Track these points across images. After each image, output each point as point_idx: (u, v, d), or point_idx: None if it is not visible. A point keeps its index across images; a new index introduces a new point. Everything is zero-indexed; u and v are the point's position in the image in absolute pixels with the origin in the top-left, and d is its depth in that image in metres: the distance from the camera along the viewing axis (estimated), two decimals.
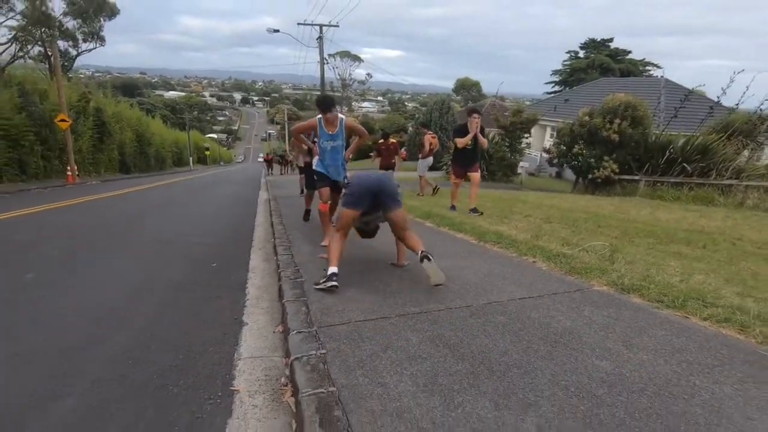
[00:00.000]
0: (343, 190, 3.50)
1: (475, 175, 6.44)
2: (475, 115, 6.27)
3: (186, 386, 2.01)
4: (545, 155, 14.98)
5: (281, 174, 26.85)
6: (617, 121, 11.44)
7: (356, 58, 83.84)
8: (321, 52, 18.99)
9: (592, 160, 11.61)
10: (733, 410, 1.63)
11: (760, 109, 13.43)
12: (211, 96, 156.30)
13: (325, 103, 4.08)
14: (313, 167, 4.39)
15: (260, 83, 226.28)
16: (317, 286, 2.93)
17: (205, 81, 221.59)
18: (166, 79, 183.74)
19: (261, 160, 71.74)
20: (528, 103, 51.96)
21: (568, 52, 57.12)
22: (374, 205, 3.20)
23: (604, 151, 11.47)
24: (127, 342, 2.48)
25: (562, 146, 13.13)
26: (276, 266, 3.93)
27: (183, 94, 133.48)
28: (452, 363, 1.96)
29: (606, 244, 4.03)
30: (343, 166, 4.36)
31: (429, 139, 9.48)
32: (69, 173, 16.25)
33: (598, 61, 53.46)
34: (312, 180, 4.80)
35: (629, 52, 55.58)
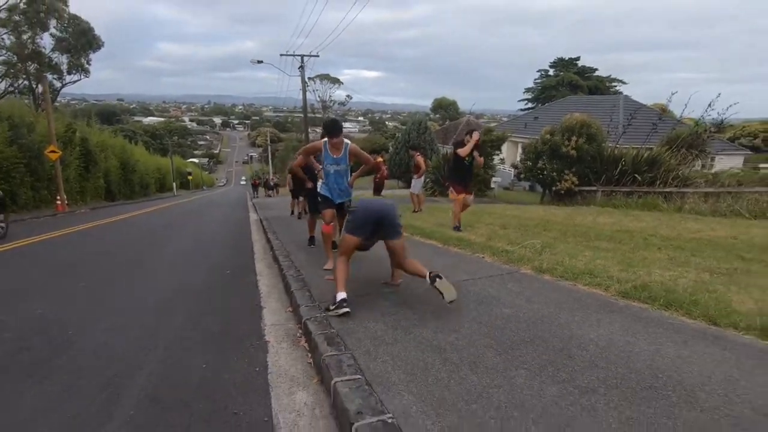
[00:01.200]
0: (347, 216, 3.52)
1: (469, 197, 6.70)
2: (475, 133, 6.53)
3: (234, 339, 2.98)
4: (514, 170, 16.35)
5: (267, 196, 27.61)
6: (574, 138, 12.88)
7: (336, 81, 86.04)
8: (303, 81, 20.24)
9: (555, 173, 12.98)
10: (574, 326, 2.70)
11: (703, 119, 15.09)
12: (191, 121, 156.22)
13: (333, 128, 4.16)
14: (318, 190, 4.54)
15: (240, 106, 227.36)
16: (330, 312, 3.00)
17: (184, 106, 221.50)
18: (144, 104, 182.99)
19: (243, 182, 72.16)
20: (505, 118, 54.42)
21: (539, 70, 60.00)
22: (375, 233, 3.29)
23: (564, 166, 12.86)
24: (184, 320, 3.42)
25: (528, 162, 14.50)
26: (279, 270, 4.87)
27: (162, 119, 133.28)
28: (411, 316, 2.95)
29: (540, 242, 5.13)
30: (347, 190, 4.47)
31: (421, 159, 10.38)
32: (59, 202, 16.77)
33: (567, 79, 56.38)
34: (316, 203, 4.86)
35: (596, 69, 58.84)
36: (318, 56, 20.19)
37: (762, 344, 2.38)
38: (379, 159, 10.07)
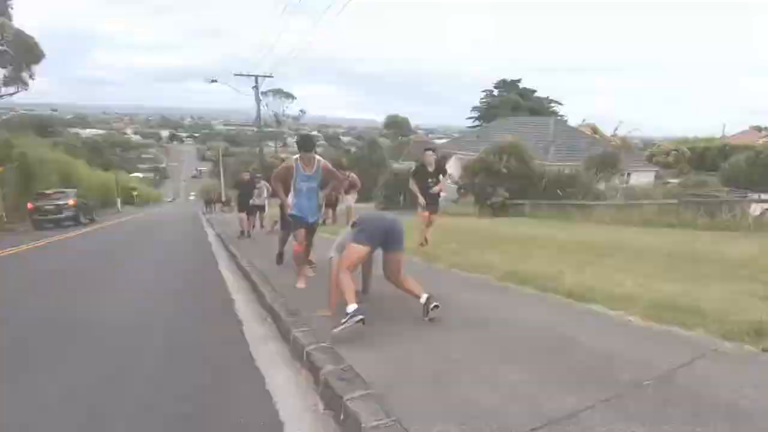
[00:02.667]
0: (354, 227, 3.37)
1: (435, 216, 6.56)
2: (429, 152, 6.30)
3: (216, 318, 3.92)
4: (455, 185, 17.94)
5: (222, 212, 27.25)
6: (505, 157, 14.65)
7: (289, 96, 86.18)
8: (257, 101, 20.88)
9: (489, 189, 14.64)
10: (469, 302, 3.82)
11: (615, 133, 17.41)
12: (135, 133, 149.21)
13: (308, 143, 4.26)
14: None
15: (189, 119, 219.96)
16: (340, 328, 2.81)
17: (128, 118, 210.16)
18: (81, 116, 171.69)
19: (192, 197, 69.93)
20: (456, 134, 57.09)
21: (484, 90, 63.54)
22: (382, 243, 3.35)
23: (497, 182, 14.56)
24: (172, 312, 4.25)
25: (467, 179, 16.15)
26: (243, 273, 5.70)
27: (103, 132, 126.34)
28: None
29: (456, 245, 6.34)
30: (318, 208, 4.46)
31: (356, 177, 11.09)
32: None
33: (510, 100, 60.44)
34: (287, 221, 4.79)
35: (535, 91, 63.43)
36: (272, 77, 20.96)
37: (552, 297, 3.71)
38: (352, 174, 9.88)
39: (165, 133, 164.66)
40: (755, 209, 8.85)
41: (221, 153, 76.94)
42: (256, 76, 20.42)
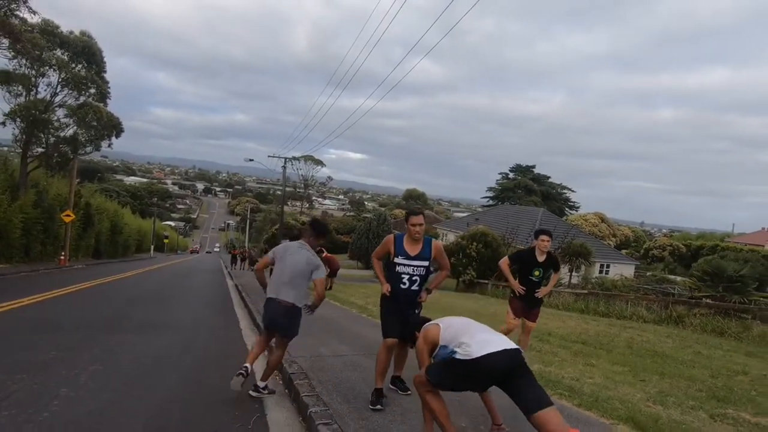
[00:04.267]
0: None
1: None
2: (545, 236, 4.75)
3: (225, 323, 6.48)
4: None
5: (250, 269, 27.87)
6: (474, 243, 17.42)
7: (319, 162, 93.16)
8: (284, 181, 24.69)
9: (461, 268, 17.21)
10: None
11: (572, 239, 19.87)
12: (174, 184, 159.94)
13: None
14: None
15: (224, 174, 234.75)
16: None
17: (168, 168, 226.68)
18: (127, 164, 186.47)
19: (217, 249, 73.87)
20: (479, 209, 59.99)
21: (500, 173, 67.54)
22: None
23: (468, 263, 17.16)
24: (207, 315, 6.85)
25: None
26: (248, 309, 8.40)
27: (145, 180, 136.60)
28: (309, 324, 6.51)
29: None
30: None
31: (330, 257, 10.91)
32: (63, 257, 19.55)
33: (523, 183, 63.82)
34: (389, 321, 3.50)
35: (548, 177, 66.90)
36: (299, 160, 24.97)
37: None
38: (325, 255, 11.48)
39: (201, 186, 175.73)
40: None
41: (249, 209, 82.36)
42: (285, 158, 24.33)
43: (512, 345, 2.41)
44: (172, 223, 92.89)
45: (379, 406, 3.24)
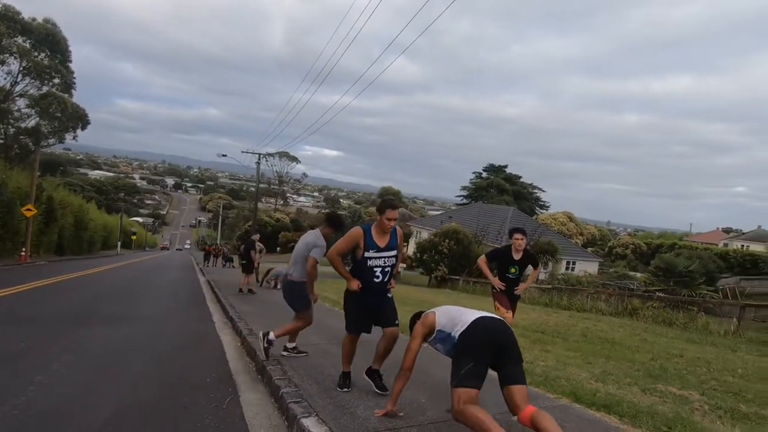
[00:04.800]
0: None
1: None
2: (519, 236, 4.88)
3: (197, 316, 6.55)
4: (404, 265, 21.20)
5: (224, 267, 25.69)
6: (447, 240, 17.92)
7: (294, 159, 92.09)
8: (258, 177, 24.47)
9: (433, 264, 17.69)
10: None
11: (539, 237, 20.66)
12: (142, 179, 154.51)
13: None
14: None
15: (196, 170, 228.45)
16: None
17: (137, 163, 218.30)
18: (92, 157, 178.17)
19: (188, 246, 71.94)
20: (454, 207, 61.16)
21: (474, 172, 68.76)
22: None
23: (440, 259, 17.65)
24: (178, 308, 6.88)
25: (417, 254, 19.30)
26: (217, 299, 8.46)
27: (111, 174, 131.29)
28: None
29: None
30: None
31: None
32: (23, 254, 18.78)
33: (496, 183, 65.27)
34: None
35: (520, 177, 68.61)
36: (274, 156, 24.77)
37: None
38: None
39: (171, 181, 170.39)
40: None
41: (221, 205, 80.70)
42: (260, 154, 24.06)
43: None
44: (140, 219, 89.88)
45: (346, 389, 3.43)
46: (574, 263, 26.03)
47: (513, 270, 4.93)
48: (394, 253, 3.48)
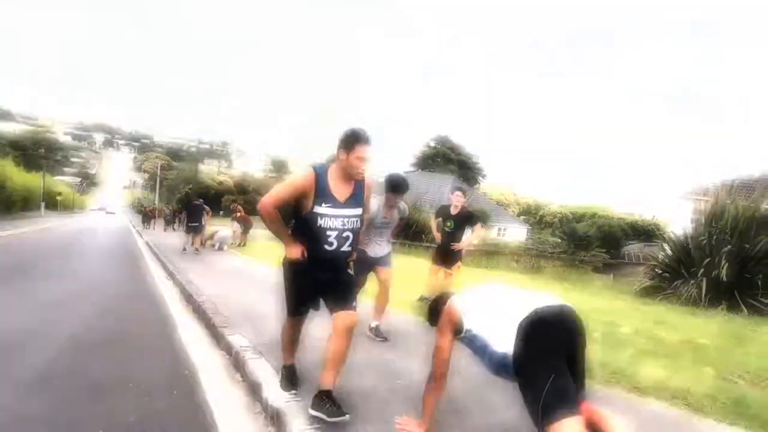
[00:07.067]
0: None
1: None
2: (458, 193, 5.50)
3: (147, 291, 7.01)
4: None
5: (165, 231, 22.39)
6: None
7: None
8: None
9: None
10: None
11: (468, 204, 22.33)
12: (66, 134, 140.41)
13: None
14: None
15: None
16: None
17: (59, 116, 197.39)
18: (3, 109, 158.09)
19: (113, 212, 65.10)
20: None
21: (423, 143, 70.14)
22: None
23: None
24: (120, 274, 7.25)
25: None
26: (158, 258, 8.87)
27: (29, 127, 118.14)
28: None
29: None
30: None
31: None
32: None
33: (442, 152, 67.26)
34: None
35: (464, 147, 71.11)
36: None
37: None
38: (241, 215, 13.74)
39: (100, 138, 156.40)
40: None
41: (159, 165, 76.09)
42: None
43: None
44: (66, 179, 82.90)
45: (293, 391, 2.56)
46: (505, 229, 28.32)
47: (449, 224, 5.39)
48: (358, 212, 2.49)
